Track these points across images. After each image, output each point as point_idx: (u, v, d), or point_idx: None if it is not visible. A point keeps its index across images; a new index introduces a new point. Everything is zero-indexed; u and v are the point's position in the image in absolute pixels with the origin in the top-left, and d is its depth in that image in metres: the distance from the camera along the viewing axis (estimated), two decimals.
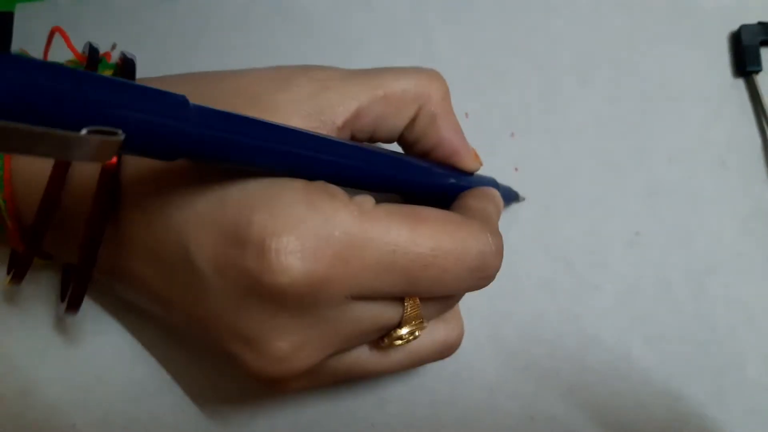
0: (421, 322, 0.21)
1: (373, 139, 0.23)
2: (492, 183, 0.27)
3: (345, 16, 0.33)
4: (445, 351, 0.24)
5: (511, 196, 0.29)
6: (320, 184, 0.19)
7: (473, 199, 0.24)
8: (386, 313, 0.20)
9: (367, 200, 0.19)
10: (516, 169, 0.31)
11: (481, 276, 0.20)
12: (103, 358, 0.28)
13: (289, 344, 0.18)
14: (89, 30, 0.34)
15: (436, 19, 0.33)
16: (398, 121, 0.22)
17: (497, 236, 0.21)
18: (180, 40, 0.33)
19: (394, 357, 0.22)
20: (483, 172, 0.26)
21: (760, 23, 0.32)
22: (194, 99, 0.15)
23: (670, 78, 0.32)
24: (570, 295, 0.29)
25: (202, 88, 0.21)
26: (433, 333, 0.23)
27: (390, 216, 0.18)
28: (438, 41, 0.33)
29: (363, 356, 0.22)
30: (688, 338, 0.28)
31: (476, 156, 0.25)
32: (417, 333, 0.21)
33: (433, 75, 0.23)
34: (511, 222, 0.30)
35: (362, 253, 0.18)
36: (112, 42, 0.33)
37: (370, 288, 0.18)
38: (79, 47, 0.25)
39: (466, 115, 0.31)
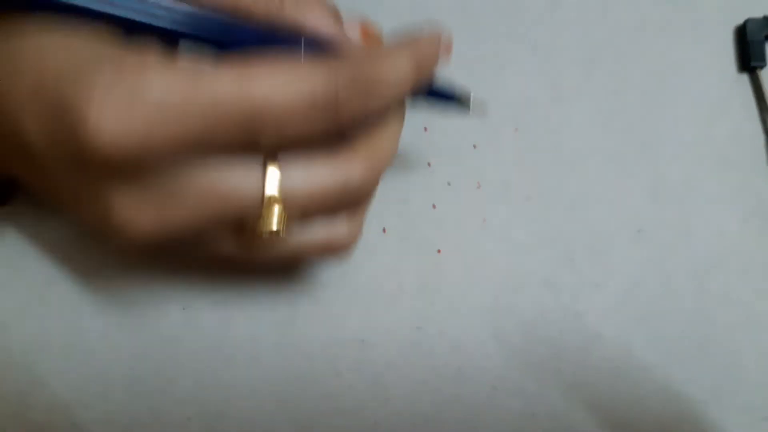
0: (288, 217, 0.20)
1: None
2: None
3: (347, 3, 0.33)
4: (327, 252, 0.23)
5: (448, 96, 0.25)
6: (130, 48, 0.18)
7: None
8: (236, 180, 0.19)
9: (188, 58, 0.19)
10: (520, 165, 0.30)
11: (335, 119, 0.19)
12: (103, 356, 0.28)
13: (126, 211, 0.19)
14: None
15: (441, 7, 0.32)
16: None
17: (367, 74, 0.19)
18: None
19: (263, 247, 0.22)
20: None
21: (765, 17, 0.31)
22: None
23: (675, 72, 0.32)
24: (573, 293, 0.29)
25: None
26: (314, 232, 0.22)
27: (216, 69, 0.18)
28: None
29: (228, 246, 0.21)
30: (689, 336, 0.29)
31: (364, 35, 0.23)
32: (280, 225, 0.20)
33: None
34: (515, 219, 0.30)
35: (182, 114, 0.17)
36: None
37: (199, 144, 0.18)
38: None
39: None
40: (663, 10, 0.32)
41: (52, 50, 0.18)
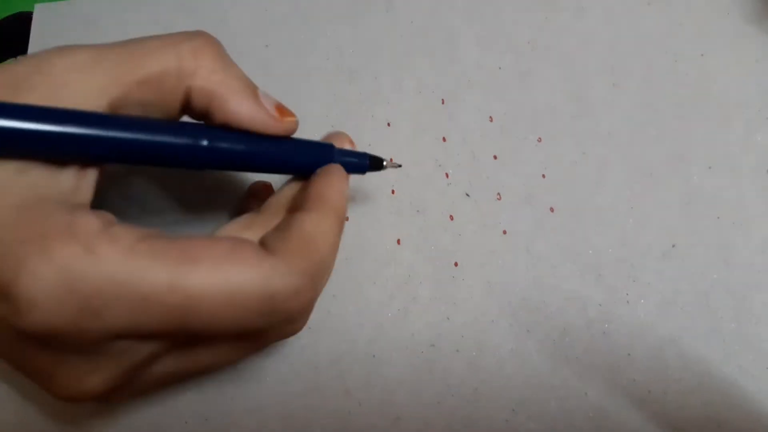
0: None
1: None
2: (325, 150, 0.23)
3: (367, 16, 0.32)
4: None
5: (360, 165, 0.24)
6: (64, 221, 0.17)
7: (305, 212, 0.21)
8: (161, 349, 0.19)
9: (128, 233, 0.17)
10: (543, 176, 0.29)
11: (273, 320, 0.19)
12: None
13: (69, 377, 0.18)
14: (110, 29, 0.33)
15: (461, 18, 0.32)
16: (168, 106, 0.20)
17: (306, 270, 0.19)
18: None
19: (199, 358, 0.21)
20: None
21: None
22: None
23: (710, 80, 0.30)
24: (600, 310, 0.27)
25: None
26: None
27: (153, 255, 0.17)
28: (462, 41, 0.31)
29: (168, 366, 0.20)
30: (729, 361, 0.26)
31: (280, 113, 0.21)
32: None
33: (197, 44, 0.20)
34: (537, 231, 0.28)
35: (112, 301, 0.17)
36: None
37: (129, 330, 0.17)
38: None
39: (491, 118, 0.30)
40: (697, 14, 0.31)
41: None
